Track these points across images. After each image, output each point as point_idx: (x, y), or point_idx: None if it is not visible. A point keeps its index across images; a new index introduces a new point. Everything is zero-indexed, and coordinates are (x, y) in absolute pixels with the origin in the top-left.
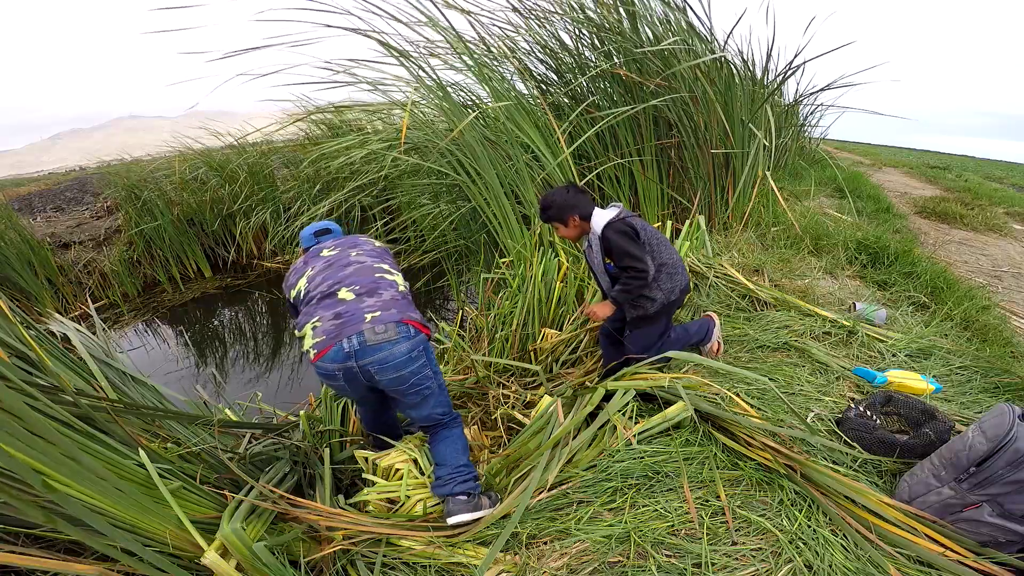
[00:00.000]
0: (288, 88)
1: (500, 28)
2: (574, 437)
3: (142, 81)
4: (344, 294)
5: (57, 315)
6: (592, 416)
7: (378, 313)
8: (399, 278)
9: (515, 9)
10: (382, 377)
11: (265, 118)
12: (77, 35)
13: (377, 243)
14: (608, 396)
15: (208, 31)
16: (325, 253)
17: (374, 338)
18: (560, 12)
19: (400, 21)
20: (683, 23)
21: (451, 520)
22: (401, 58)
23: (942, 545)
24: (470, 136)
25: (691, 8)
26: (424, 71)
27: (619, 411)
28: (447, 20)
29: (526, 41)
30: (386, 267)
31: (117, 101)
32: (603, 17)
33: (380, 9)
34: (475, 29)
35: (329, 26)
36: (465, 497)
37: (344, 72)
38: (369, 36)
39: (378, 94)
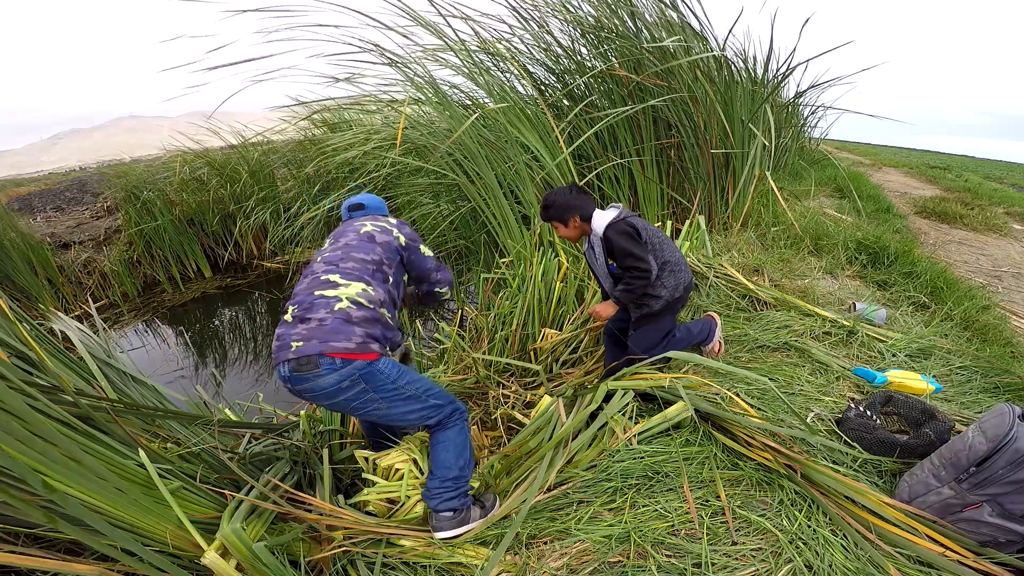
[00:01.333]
0: (288, 88)
1: (499, 31)
2: (574, 438)
3: (142, 81)
4: (288, 314)
5: (58, 314)
6: (593, 416)
7: (301, 344)
8: (348, 289)
9: (514, 12)
10: (319, 403)
11: (265, 119)
12: (77, 35)
13: (367, 226)
14: (608, 396)
15: (209, 31)
16: (325, 245)
17: (299, 369)
18: (557, 13)
19: (403, 26)
20: (680, 22)
21: (436, 535)
22: (401, 65)
23: (942, 545)
24: (469, 138)
25: (689, 8)
26: (423, 74)
27: (619, 412)
28: (449, 26)
29: (525, 44)
30: (334, 277)
31: (117, 101)
32: (598, 18)
33: (386, 12)
34: (475, 32)
35: (337, 35)
36: (450, 514)
37: (347, 79)
38: (380, 50)
39: (379, 94)
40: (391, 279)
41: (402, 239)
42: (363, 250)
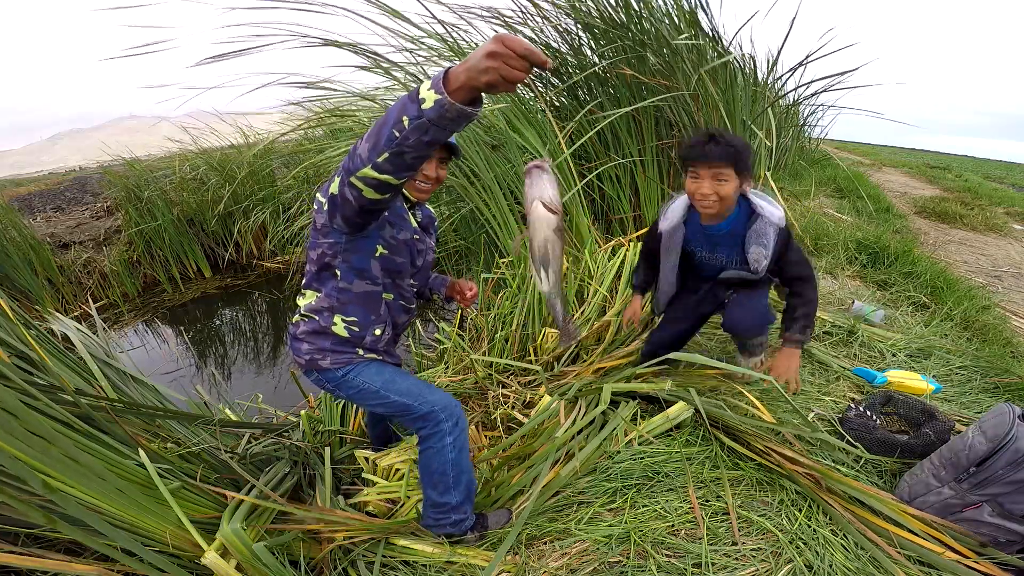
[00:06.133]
0: (288, 88)
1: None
2: (580, 448)
3: (142, 81)
4: None
5: (57, 314)
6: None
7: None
8: (302, 299)
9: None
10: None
11: (265, 120)
12: (77, 35)
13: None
14: (612, 401)
15: (208, 33)
16: None
17: None
18: (559, 12)
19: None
20: (687, 21)
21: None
22: (399, 68)
23: (945, 545)
24: (467, 139)
25: (699, 6)
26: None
27: (627, 419)
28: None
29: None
30: (305, 282)
31: (117, 101)
32: (602, 15)
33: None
34: (472, 33)
35: (338, 43)
36: (444, 540)
37: (349, 74)
38: (370, 55)
39: (378, 94)
40: (339, 272)
41: (325, 204)
42: (311, 246)
